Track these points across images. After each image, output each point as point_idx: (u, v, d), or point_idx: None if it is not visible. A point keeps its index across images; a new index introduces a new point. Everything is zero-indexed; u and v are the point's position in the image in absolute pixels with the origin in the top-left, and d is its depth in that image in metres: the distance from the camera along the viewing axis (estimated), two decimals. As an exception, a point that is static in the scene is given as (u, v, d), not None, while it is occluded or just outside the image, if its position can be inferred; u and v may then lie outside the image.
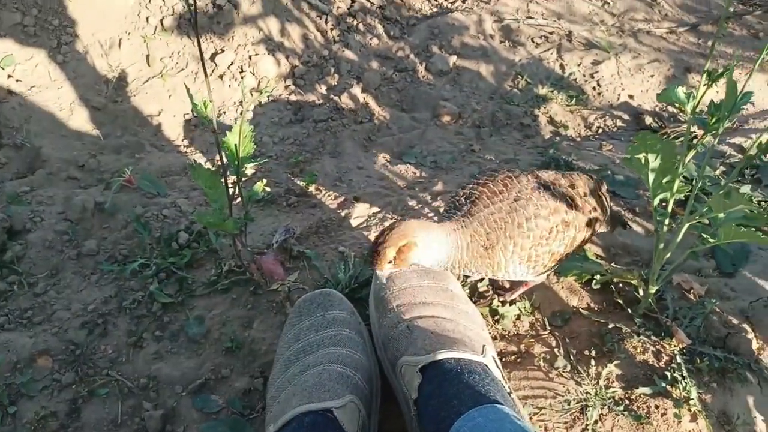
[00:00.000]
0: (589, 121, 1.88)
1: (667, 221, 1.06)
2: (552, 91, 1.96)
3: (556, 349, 1.12)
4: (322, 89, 1.95)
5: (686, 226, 1.02)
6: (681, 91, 0.95)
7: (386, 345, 1.01)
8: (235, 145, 1.10)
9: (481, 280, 1.25)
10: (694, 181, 1.40)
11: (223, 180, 1.15)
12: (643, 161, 1.02)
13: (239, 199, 1.21)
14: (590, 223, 1.09)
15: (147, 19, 2.02)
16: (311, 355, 0.97)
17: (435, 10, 2.32)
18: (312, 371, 0.94)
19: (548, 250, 1.04)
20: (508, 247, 1.01)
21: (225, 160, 1.13)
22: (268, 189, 1.18)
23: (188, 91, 1.00)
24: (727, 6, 0.88)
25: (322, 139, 1.78)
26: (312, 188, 1.58)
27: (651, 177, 1.03)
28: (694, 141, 1.04)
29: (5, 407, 1.07)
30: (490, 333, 1.09)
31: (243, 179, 1.16)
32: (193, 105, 0.99)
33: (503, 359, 1.11)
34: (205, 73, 0.98)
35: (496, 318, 1.19)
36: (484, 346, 0.95)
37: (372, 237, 1.12)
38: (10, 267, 1.33)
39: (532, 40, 2.16)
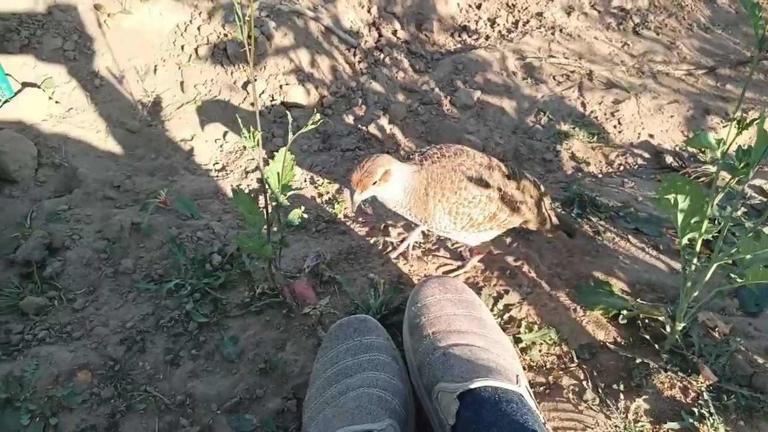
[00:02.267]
0: (611, 159, 1.93)
1: (695, 260, 1.09)
2: (574, 128, 2.01)
3: (584, 382, 1.14)
4: (350, 119, 2.01)
5: (714, 265, 1.05)
6: (711, 137, 0.99)
7: (422, 370, 1.03)
8: (278, 172, 1.14)
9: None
10: (716, 221, 1.45)
11: (262, 206, 1.20)
12: (672, 202, 1.05)
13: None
14: (513, 210, 1.30)
15: (182, 47, 2.09)
16: (350, 378, 1.00)
17: (459, 46, 2.39)
18: (352, 394, 0.96)
19: (468, 213, 1.26)
20: (437, 195, 1.23)
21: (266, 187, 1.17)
22: (305, 216, 1.21)
23: (240, 121, 1.04)
24: (759, 53, 0.93)
25: (349, 167, 1.83)
26: (341, 215, 1.62)
27: (680, 217, 1.07)
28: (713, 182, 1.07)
29: (47, 418, 1.10)
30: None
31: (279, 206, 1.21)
32: (243, 135, 1.03)
33: (532, 390, 1.13)
34: (256, 105, 1.03)
35: (521, 347, 1.22)
36: (517, 375, 0.98)
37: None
38: (50, 282, 1.37)
39: (554, 78, 2.22)
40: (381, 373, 1.01)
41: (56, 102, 1.91)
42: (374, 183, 1.19)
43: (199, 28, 2.12)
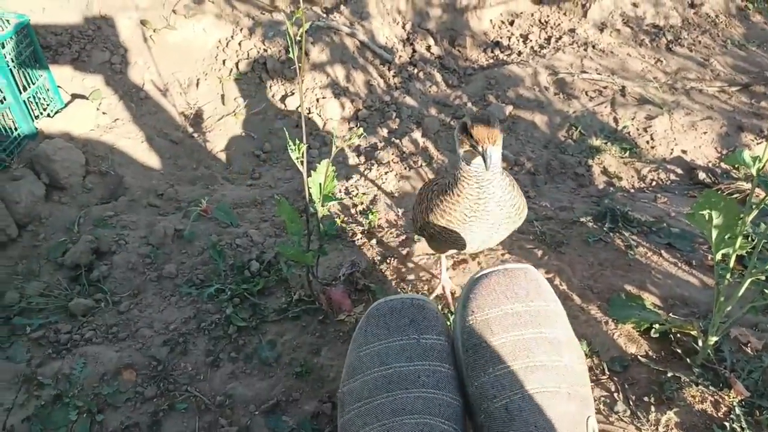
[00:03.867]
0: (643, 174, 1.93)
1: (728, 276, 1.10)
2: (606, 143, 2.02)
3: (615, 394, 1.15)
4: (384, 132, 2.05)
5: (748, 281, 1.06)
6: (747, 154, 1.00)
7: (476, 411, 0.90)
8: (320, 183, 1.18)
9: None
10: (750, 238, 1.44)
11: (301, 214, 1.24)
12: (707, 217, 1.07)
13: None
14: None
15: (224, 62, 2.17)
16: (406, 392, 0.87)
17: (491, 61, 2.42)
18: (409, 421, 0.84)
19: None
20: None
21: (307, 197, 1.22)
22: (344, 225, 1.25)
23: (287, 135, 1.09)
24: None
25: (383, 180, 1.87)
26: (375, 225, 1.66)
27: (714, 233, 1.08)
28: (748, 199, 1.08)
29: (93, 415, 1.15)
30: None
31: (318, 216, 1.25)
32: (288, 147, 1.08)
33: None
34: (302, 117, 1.08)
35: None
36: (588, 418, 0.87)
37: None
38: (97, 285, 1.43)
39: (586, 94, 2.24)
40: (442, 393, 0.88)
41: (103, 113, 1.99)
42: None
43: (240, 44, 2.20)
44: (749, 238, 1.45)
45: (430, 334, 0.93)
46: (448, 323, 1.13)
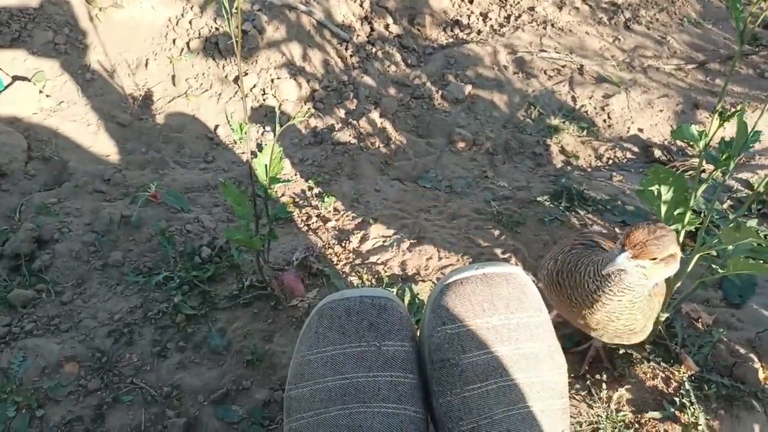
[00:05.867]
0: (600, 152, 1.94)
1: (678, 251, 1.10)
2: (564, 122, 2.02)
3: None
4: (341, 113, 2.01)
5: (697, 256, 1.06)
6: (694, 129, 1.00)
7: (442, 429, 0.83)
8: (266, 165, 1.15)
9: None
10: (702, 214, 1.46)
11: (250, 198, 1.21)
12: (655, 193, 1.06)
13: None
14: None
15: (174, 40, 2.09)
16: (364, 407, 0.79)
17: (451, 40, 2.39)
18: None
19: None
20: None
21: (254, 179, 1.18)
22: (298, 209, 1.22)
23: (227, 116, 1.04)
24: (740, 46, 0.94)
25: (340, 162, 1.83)
26: (330, 208, 1.63)
27: (663, 209, 1.08)
28: (703, 175, 1.09)
29: (33, 410, 1.10)
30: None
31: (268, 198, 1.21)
32: (231, 127, 1.04)
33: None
34: (243, 98, 1.03)
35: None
36: None
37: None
38: (38, 275, 1.37)
39: (545, 73, 2.23)
40: (404, 407, 0.79)
41: (47, 95, 1.91)
42: (654, 259, 0.89)
43: (190, 22, 2.12)
44: (702, 214, 1.46)
45: (393, 340, 0.82)
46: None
